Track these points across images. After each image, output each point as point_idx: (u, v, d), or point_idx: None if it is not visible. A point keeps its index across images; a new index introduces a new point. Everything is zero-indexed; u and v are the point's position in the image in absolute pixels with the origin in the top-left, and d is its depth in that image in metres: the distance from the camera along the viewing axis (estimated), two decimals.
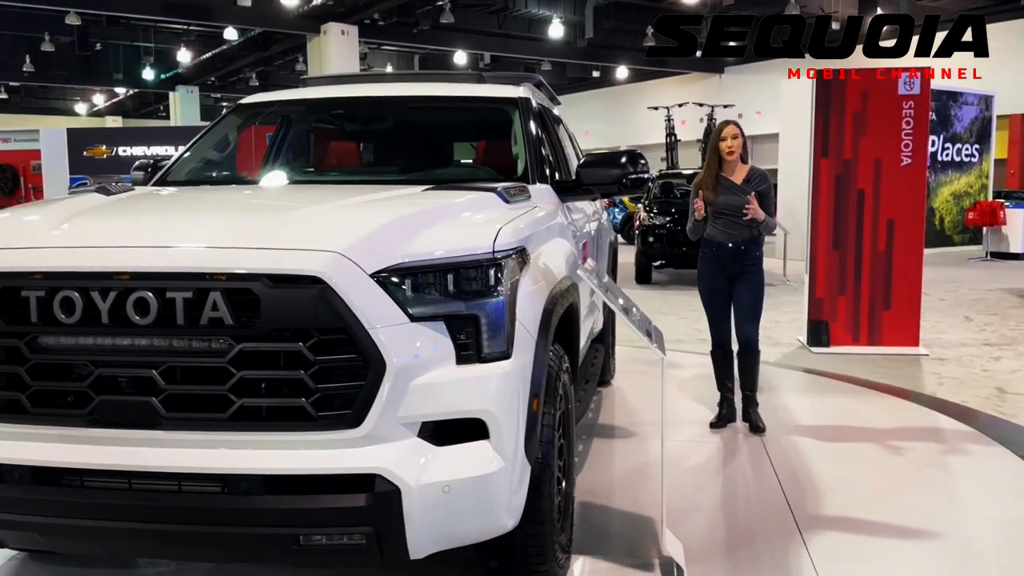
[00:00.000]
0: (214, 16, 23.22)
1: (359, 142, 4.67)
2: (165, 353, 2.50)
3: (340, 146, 4.67)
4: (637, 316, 3.15)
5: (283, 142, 4.74)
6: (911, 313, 7.82)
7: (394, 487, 2.49)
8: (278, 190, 3.86)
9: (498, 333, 2.70)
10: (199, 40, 28.27)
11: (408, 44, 26.73)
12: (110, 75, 31.44)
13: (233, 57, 29.43)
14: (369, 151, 4.57)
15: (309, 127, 4.73)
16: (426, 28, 24.31)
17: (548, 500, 3.02)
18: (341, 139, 4.71)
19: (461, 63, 28.02)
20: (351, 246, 2.54)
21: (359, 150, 4.60)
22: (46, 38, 26.70)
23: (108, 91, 33.58)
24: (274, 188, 3.94)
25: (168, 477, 2.53)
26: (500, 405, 2.66)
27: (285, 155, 4.58)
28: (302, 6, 22.24)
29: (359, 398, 2.49)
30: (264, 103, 4.61)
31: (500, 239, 2.81)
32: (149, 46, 29.42)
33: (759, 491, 4.37)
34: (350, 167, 4.46)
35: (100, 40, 28.17)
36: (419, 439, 2.59)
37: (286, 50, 27.64)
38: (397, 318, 2.54)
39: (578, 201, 4.78)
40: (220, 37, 25.91)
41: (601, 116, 33.91)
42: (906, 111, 7.66)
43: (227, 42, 26.70)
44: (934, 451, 5.04)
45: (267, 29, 24.98)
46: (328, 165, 4.49)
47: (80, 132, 19.49)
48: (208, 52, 29.06)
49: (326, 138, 4.70)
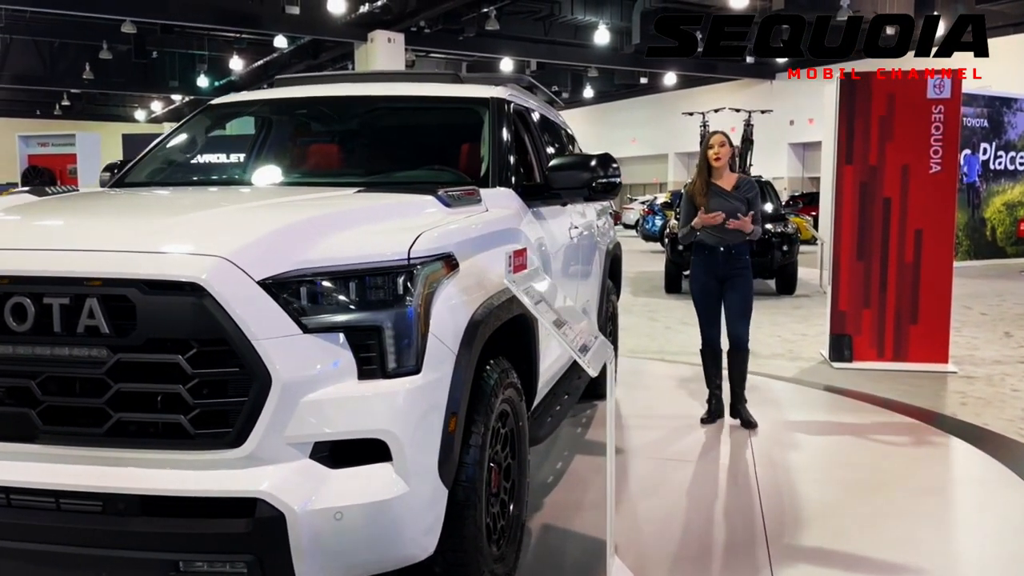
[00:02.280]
0: (264, 24, 23.55)
1: (324, 143, 4.53)
2: (43, 362, 2.37)
3: (304, 147, 4.53)
4: (574, 333, 2.93)
5: (254, 144, 4.62)
6: (939, 328, 7.39)
7: (278, 513, 2.31)
8: (209, 192, 3.70)
9: (405, 346, 2.50)
10: (251, 48, 28.72)
11: (454, 51, 26.75)
12: (166, 82, 32.16)
13: (284, 65, 29.78)
14: (333, 152, 4.41)
15: (279, 128, 4.59)
16: (471, 35, 24.32)
17: (473, 526, 2.81)
18: (306, 140, 4.58)
19: (507, 70, 27.93)
20: (239, 251, 2.37)
21: (322, 151, 4.45)
22: (104, 46, 27.42)
23: (165, 98, 34.32)
24: (208, 190, 3.79)
25: (46, 494, 2.38)
26: (404, 425, 2.46)
27: (252, 157, 4.45)
28: (349, 14, 22.38)
29: (241, 416, 2.32)
30: (233, 103, 4.50)
31: (419, 245, 2.63)
32: (203, 54, 30.04)
33: (736, 508, 4.11)
34: (312, 168, 4.31)
35: (156, 48, 28.79)
36: (311, 461, 2.41)
37: (336, 57, 27.93)
38: (287, 329, 2.37)
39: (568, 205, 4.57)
40: (271, 45, 26.27)
41: (648, 123, 33.55)
42: (935, 115, 7.26)
43: (278, 50, 27.05)
44: (936, 477, 4.71)
45: (316, 37, 25.22)
46: (291, 166, 4.35)
47: (136, 138, 19.83)
48: (260, 60, 29.47)
49: (292, 139, 4.57)
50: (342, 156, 4.35)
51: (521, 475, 3.44)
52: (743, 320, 5.42)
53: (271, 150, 4.54)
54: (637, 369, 7.39)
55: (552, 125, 5.41)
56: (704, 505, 4.25)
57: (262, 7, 23.19)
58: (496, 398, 3.01)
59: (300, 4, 22.27)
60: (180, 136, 4.37)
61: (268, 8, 23.04)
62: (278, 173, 4.23)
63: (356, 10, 22.37)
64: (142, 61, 29.23)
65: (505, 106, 4.20)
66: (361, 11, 22.31)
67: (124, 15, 22.70)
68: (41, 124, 36.08)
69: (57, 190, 3.51)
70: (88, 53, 29.17)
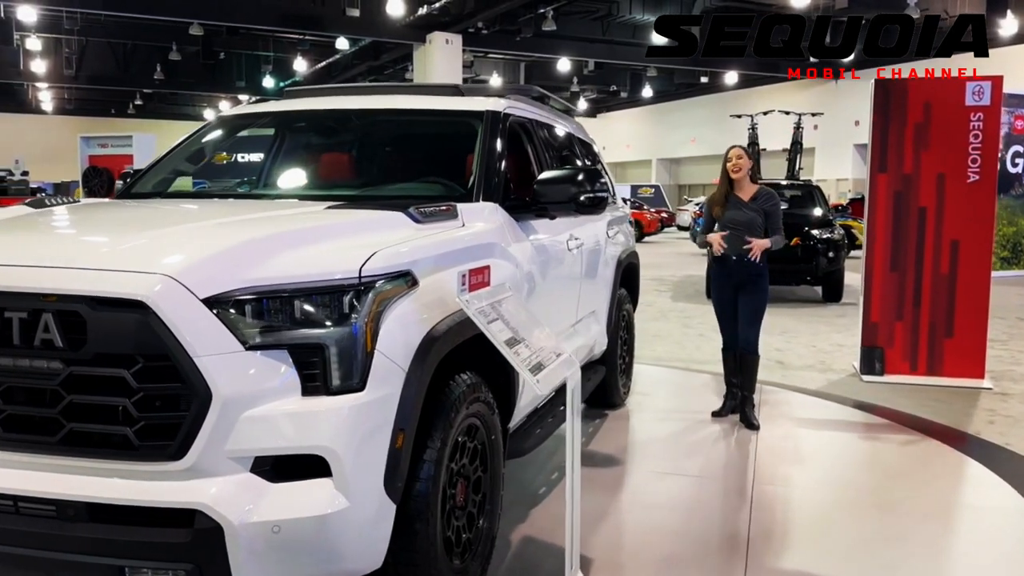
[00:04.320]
0: (325, 26, 23.97)
1: (319, 156, 4.60)
2: (5, 373, 2.48)
3: (300, 160, 4.62)
4: (530, 351, 2.94)
5: (267, 154, 4.73)
6: (976, 342, 7.16)
7: (215, 524, 2.39)
8: (187, 207, 3.78)
9: (348, 364, 2.55)
10: (314, 49, 29.22)
11: (512, 52, 26.83)
12: (232, 83, 32.95)
13: (347, 66, 30.30)
14: (327, 165, 4.49)
15: (278, 141, 4.70)
16: (528, 36, 24.35)
17: (426, 540, 2.84)
18: (302, 153, 4.66)
19: (564, 70, 27.90)
20: (185, 269, 2.45)
21: (318, 164, 4.53)
22: (173, 48, 28.26)
23: (232, 98, 35.13)
24: (190, 205, 3.87)
25: (6, 498, 2.50)
26: (344, 441, 2.51)
27: (254, 169, 4.57)
28: (407, 16, 22.63)
29: (183, 429, 2.40)
30: (237, 116, 4.62)
31: (373, 263, 2.68)
32: (268, 55, 30.69)
33: (723, 525, 4.07)
34: (306, 182, 4.40)
35: (223, 49, 29.53)
36: (252, 474, 2.48)
37: (396, 59, 28.30)
38: (229, 346, 2.44)
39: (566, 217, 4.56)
40: (333, 46, 26.71)
41: (709, 123, 33.09)
42: (974, 123, 7.03)
43: (340, 51, 27.50)
44: (941, 500, 4.57)
45: (375, 39, 25.56)
46: (286, 179, 4.45)
47: None
48: (323, 61, 29.99)
49: (290, 152, 4.65)
50: (337, 169, 4.43)
51: (494, 489, 3.47)
52: (753, 326, 5.63)
53: (269, 163, 4.64)
54: (658, 377, 7.35)
55: (563, 137, 5.40)
56: (692, 520, 4.19)
57: (323, 9, 23.62)
58: (458, 413, 3.04)
59: (360, 6, 22.64)
60: (190, 147, 4.51)
61: (329, 10, 23.45)
62: (273, 186, 4.33)
63: (414, 12, 22.61)
64: (210, 62, 29.96)
65: (500, 118, 4.22)
66: (419, 13, 22.55)
67: (191, 18, 23.35)
68: (106, 123, 37.28)
69: (56, 202, 3.65)
70: (159, 54, 30.14)
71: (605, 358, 5.72)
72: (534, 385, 2.85)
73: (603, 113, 42.11)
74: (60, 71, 30.88)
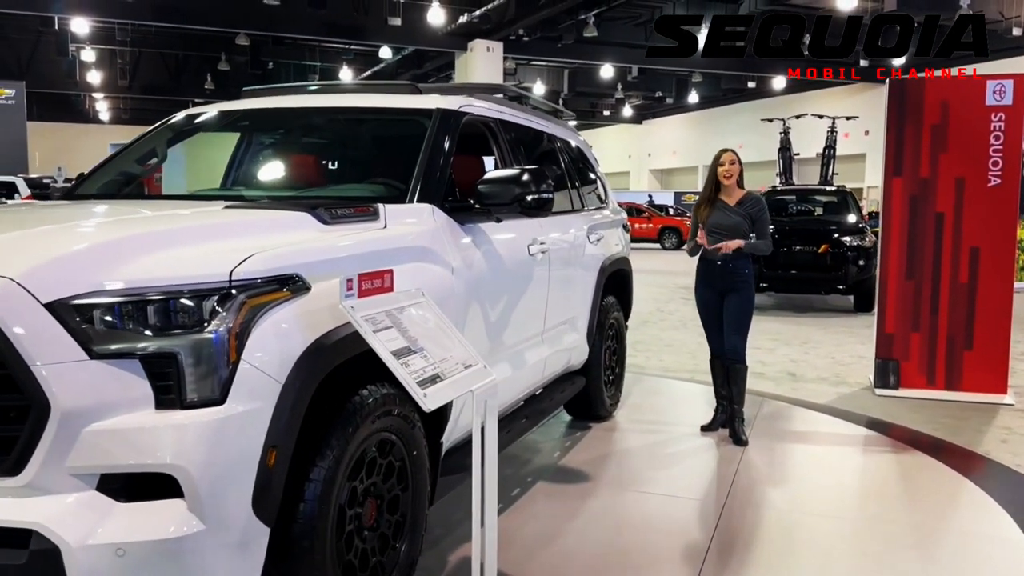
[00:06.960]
0: (367, 35, 24.13)
1: (264, 157, 4.47)
2: None
3: (247, 161, 4.49)
4: (425, 363, 2.72)
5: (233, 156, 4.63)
6: (997, 355, 6.73)
7: (52, 546, 2.22)
8: (83, 208, 3.55)
9: (205, 375, 2.37)
10: (359, 58, 29.43)
11: (554, 59, 26.64)
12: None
13: (391, 74, 30.40)
14: (268, 167, 4.35)
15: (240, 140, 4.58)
16: (570, 42, 24.13)
17: (311, 566, 2.65)
18: (248, 154, 4.53)
19: (607, 76, 27.59)
20: (28, 271, 2.30)
21: (258, 166, 4.40)
22: (223, 58, 28.74)
23: None
24: (94, 205, 3.67)
25: None
26: (197, 459, 2.32)
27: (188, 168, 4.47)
28: (449, 24, 22.62)
29: (19, 443, 2.24)
30: (189, 116, 4.49)
31: (248, 266, 2.50)
32: (315, 64, 31.00)
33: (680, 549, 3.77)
34: (241, 183, 4.27)
35: (271, 59, 29.92)
36: (98, 493, 2.31)
37: (440, 67, 28.36)
38: (71, 354, 2.27)
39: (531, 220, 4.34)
40: (377, 55, 26.85)
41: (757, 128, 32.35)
42: (995, 124, 6.62)
43: (384, 60, 27.64)
44: (927, 528, 4.20)
45: (418, 48, 25.62)
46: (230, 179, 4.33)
47: None
48: (368, 70, 30.18)
49: (238, 153, 4.52)
50: (279, 170, 4.29)
51: (417, 508, 3.27)
52: (738, 333, 5.41)
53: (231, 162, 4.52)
54: (655, 388, 7.06)
55: (542, 139, 5.19)
56: (647, 541, 3.91)
57: (366, 19, 23.73)
58: (358, 428, 2.85)
59: (402, 16, 22.69)
60: (137, 149, 4.42)
61: (372, 20, 23.55)
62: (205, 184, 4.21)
63: (455, 20, 22.59)
64: (258, 72, 30.40)
65: (452, 117, 4.03)
66: (460, 21, 22.52)
67: (238, 28, 23.71)
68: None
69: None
70: (209, 64, 30.65)
71: (587, 368, 5.47)
72: (421, 400, 2.63)
73: (648, 120, 41.60)
74: (115, 82, 31.60)
